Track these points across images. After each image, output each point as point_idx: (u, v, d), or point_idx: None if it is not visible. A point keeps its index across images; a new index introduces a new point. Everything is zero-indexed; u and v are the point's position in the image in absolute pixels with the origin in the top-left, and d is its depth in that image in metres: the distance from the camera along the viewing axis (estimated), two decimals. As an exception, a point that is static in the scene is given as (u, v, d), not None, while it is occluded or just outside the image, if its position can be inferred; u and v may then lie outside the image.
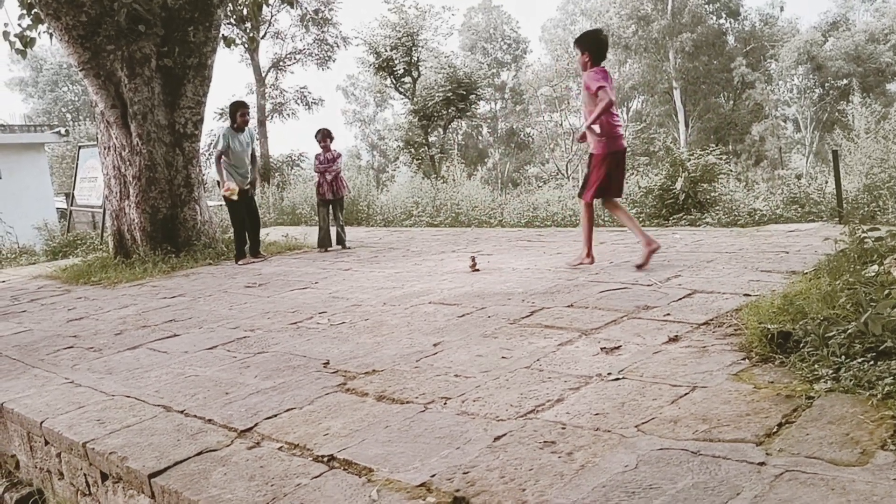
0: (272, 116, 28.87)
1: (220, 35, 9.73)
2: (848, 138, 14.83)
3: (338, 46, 29.41)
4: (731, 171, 15.34)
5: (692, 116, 44.59)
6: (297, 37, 28.68)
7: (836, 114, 38.02)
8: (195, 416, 3.23)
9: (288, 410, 3.15)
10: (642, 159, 25.54)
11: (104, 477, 2.99)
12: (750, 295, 4.31)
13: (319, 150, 8.92)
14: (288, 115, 28.90)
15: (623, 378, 3.09)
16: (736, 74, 43.64)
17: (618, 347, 3.55)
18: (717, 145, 18.10)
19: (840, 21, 44.42)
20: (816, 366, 2.82)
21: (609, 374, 3.16)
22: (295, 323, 4.89)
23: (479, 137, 47.52)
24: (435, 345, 3.95)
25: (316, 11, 26.82)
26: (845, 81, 40.78)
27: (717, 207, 12.31)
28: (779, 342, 3.18)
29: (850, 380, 2.62)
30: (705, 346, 3.42)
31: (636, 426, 2.56)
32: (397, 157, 33.38)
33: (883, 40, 40.49)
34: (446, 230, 10.52)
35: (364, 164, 52.36)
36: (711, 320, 3.86)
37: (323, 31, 28.72)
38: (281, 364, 3.90)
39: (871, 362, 2.72)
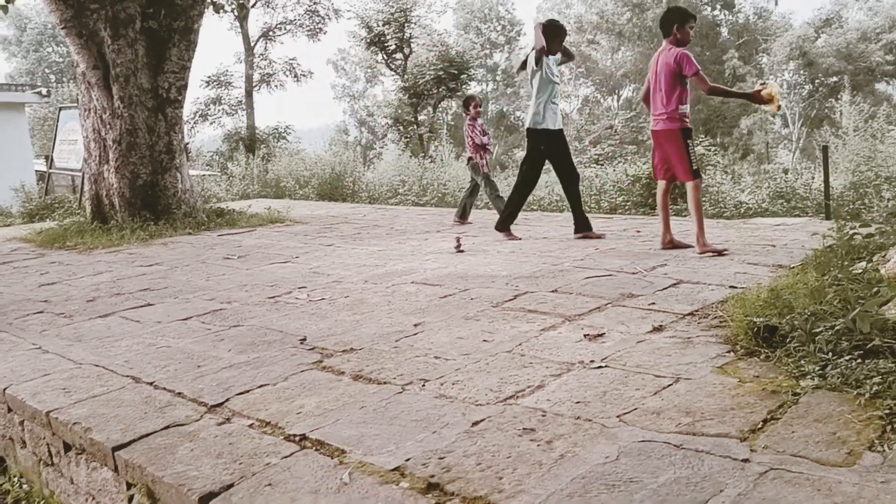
0: (259, 87, 28.48)
1: (209, 0, 9.50)
2: (836, 135, 14.83)
3: (329, 18, 29.03)
4: (718, 162, 15.35)
5: (681, 107, 44.58)
6: (288, 6, 28.26)
7: (825, 111, 38.21)
8: (164, 388, 3.13)
9: (261, 386, 3.06)
10: (631, 147, 25.52)
11: (67, 447, 2.89)
12: (736, 287, 4.26)
13: (469, 119, 8.19)
14: (276, 86, 28.52)
15: (606, 366, 3.02)
16: (728, 67, 43.61)
17: (601, 335, 3.48)
18: (705, 137, 18.09)
19: (833, 18, 44.45)
20: (803, 362, 2.77)
21: (592, 361, 3.09)
22: (273, 297, 4.78)
23: (469, 118, 47.17)
24: (415, 325, 3.87)
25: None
26: (835, 79, 40.91)
27: (704, 199, 12.30)
28: (765, 336, 3.12)
29: (838, 377, 2.56)
30: (690, 337, 3.37)
31: (618, 416, 2.50)
32: (385, 135, 33.12)
33: (875, 39, 40.58)
34: (432, 210, 10.42)
35: (352, 139, 51.94)
36: (697, 311, 3.81)
37: (315, 2, 28.31)
38: (256, 338, 3.80)
39: (859, 360, 2.67)
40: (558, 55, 6.66)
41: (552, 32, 6.51)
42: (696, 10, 43.06)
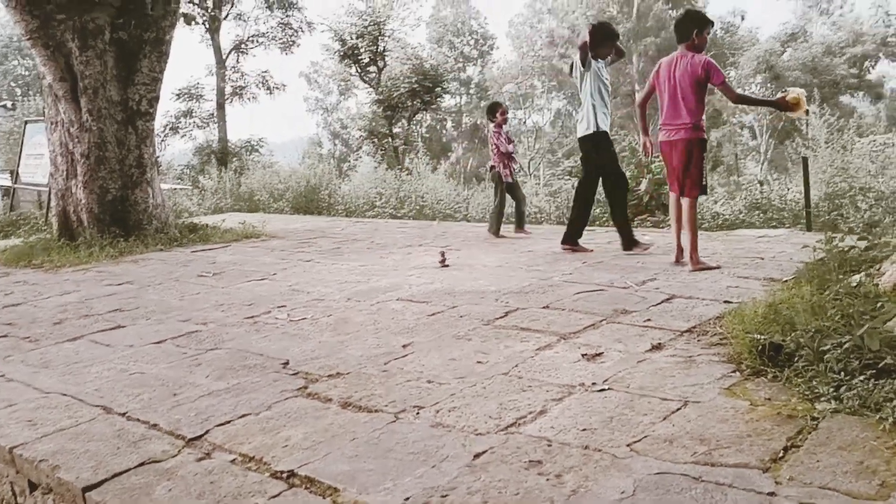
0: (231, 100, 28.13)
1: (180, 11, 9.28)
2: (808, 147, 15.00)
3: (302, 31, 28.83)
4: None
5: (652, 120, 45.05)
6: (261, 19, 28.01)
7: (792, 123, 38.82)
8: (138, 419, 2.92)
9: (243, 416, 2.86)
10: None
11: (32, 487, 2.66)
12: (730, 302, 4.15)
13: (494, 126, 7.93)
14: (249, 99, 28.20)
15: (609, 389, 2.88)
16: (697, 80, 44.11)
17: (599, 354, 3.34)
18: None
19: (798, 32, 45.28)
20: (814, 382, 2.65)
21: (593, 383, 2.94)
22: (251, 317, 4.58)
23: (444, 131, 47.24)
24: (404, 346, 3.69)
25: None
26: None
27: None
28: (770, 354, 3.00)
29: (854, 400, 2.45)
30: (691, 355, 3.24)
31: (628, 445, 2.35)
32: (360, 147, 32.89)
33: (839, 53, 41.39)
34: (411, 223, 10.25)
35: (325, 152, 51.64)
36: (694, 328, 3.69)
37: (287, 15, 28.10)
38: (235, 363, 3.60)
39: (872, 380, 2.56)
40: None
41: (601, 36, 6.13)
42: (663, 25, 43.65)
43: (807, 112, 5.50)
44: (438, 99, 28.35)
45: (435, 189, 14.43)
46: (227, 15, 26.82)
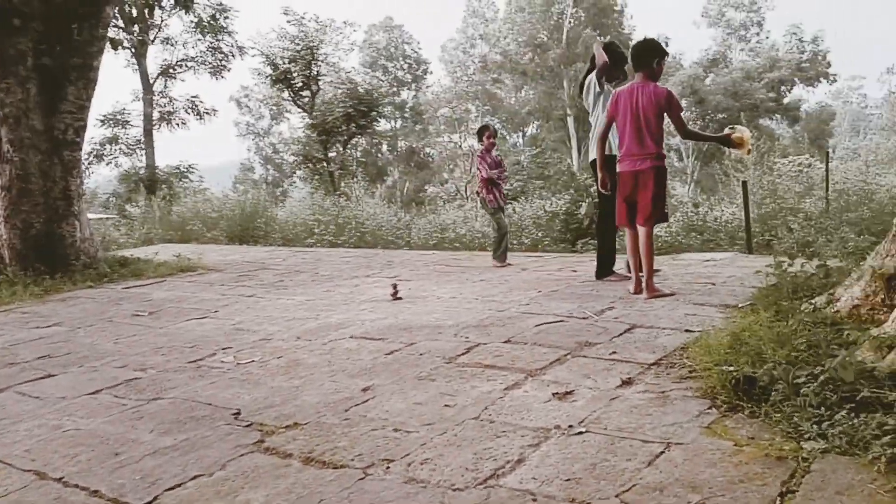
0: (160, 125, 27.36)
1: (108, 36, 8.89)
2: (736, 169, 15.50)
3: (233, 56, 28.36)
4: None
5: (584, 143, 45.98)
6: (190, 43, 27.41)
7: (716, 146, 40.27)
8: (77, 485, 2.64)
9: (195, 478, 2.62)
10: (537, 182, 25.95)
11: (-46, 571, 2.36)
12: (691, 331, 4.12)
13: (481, 149, 7.75)
14: (178, 124, 27.47)
15: (586, 431, 2.76)
16: (626, 104, 45.33)
17: (570, 392, 3.23)
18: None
19: (720, 58, 47.19)
20: (795, 418, 2.59)
21: (570, 426, 2.82)
22: (195, 361, 4.29)
23: (379, 155, 47.08)
24: (364, 389, 3.50)
25: (213, 17, 25.67)
26: (723, 115, 43.18)
27: (621, 234, 12.47)
28: (744, 388, 2.95)
29: (841, 438, 2.39)
30: (664, 391, 3.16)
31: (617, 496, 2.23)
32: (294, 172, 32.43)
33: (757, 78, 43.25)
34: (355, 252, 10.03)
35: (258, 177, 50.77)
36: (661, 360, 3.62)
37: (218, 39, 27.59)
38: (182, 414, 3.33)
39: (854, 415, 2.52)
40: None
41: (616, 59, 5.99)
42: (592, 51, 44.79)
43: (749, 152, 5.60)
44: (374, 123, 28.26)
45: (375, 215, 14.25)
46: (155, 39, 26.16)
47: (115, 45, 12.50)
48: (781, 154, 17.90)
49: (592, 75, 6.03)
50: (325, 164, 26.62)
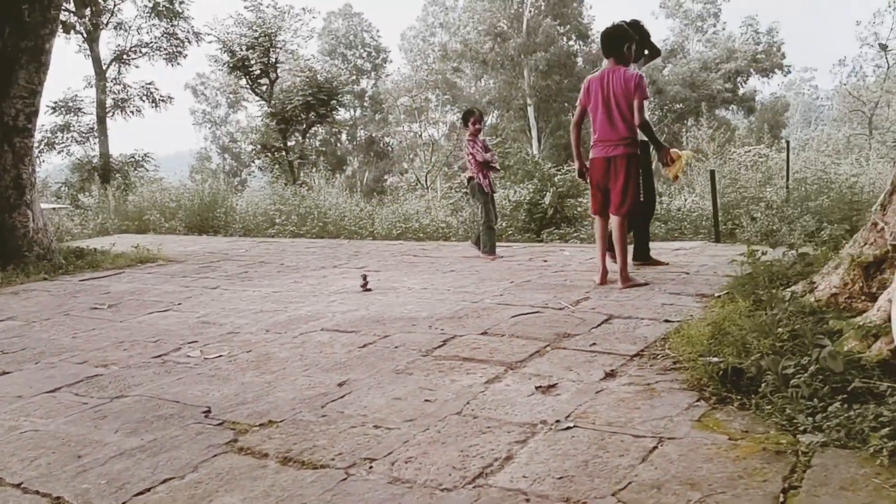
0: (113, 113, 26.54)
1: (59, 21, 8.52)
2: (697, 159, 15.64)
3: (189, 42, 27.63)
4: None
5: (545, 133, 46.17)
6: (144, 29, 26.59)
7: (672, 135, 40.73)
8: (38, 491, 2.47)
9: (165, 482, 2.47)
10: (498, 172, 25.95)
11: None
12: (670, 321, 4.09)
13: (468, 135, 7.39)
14: (132, 112, 26.69)
15: (574, 426, 2.68)
16: (585, 94, 45.57)
17: (553, 386, 3.15)
18: (567, 161, 18.50)
19: (678, 49, 47.71)
20: (789, 410, 2.55)
21: (557, 421, 2.74)
22: (159, 356, 4.11)
23: (339, 144, 46.61)
24: (340, 384, 3.37)
25: (169, 1, 24.95)
26: (681, 105, 43.74)
27: (586, 223, 12.50)
28: (732, 379, 2.91)
29: (838, 430, 2.35)
30: (649, 383, 3.10)
31: (614, 494, 2.15)
32: (252, 161, 31.85)
33: (714, 69, 43.84)
34: (319, 242, 9.83)
35: (215, 166, 49.84)
36: (643, 351, 3.57)
37: (173, 25, 26.84)
38: (148, 413, 3.16)
39: (847, 407, 2.48)
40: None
41: (642, 37, 5.71)
42: (552, 40, 44.93)
43: (675, 177, 5.57)
44: (334, 112, 27.88)
45: (338, 205, 14.04)
46: (108, 23, 25.34)
47: (67, 28, 12.08)
48: (740, 143, 18.14)
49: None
50: (284, 153, 26.20)
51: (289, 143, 26.56)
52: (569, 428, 2.67)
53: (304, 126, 27.13)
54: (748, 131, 39.18)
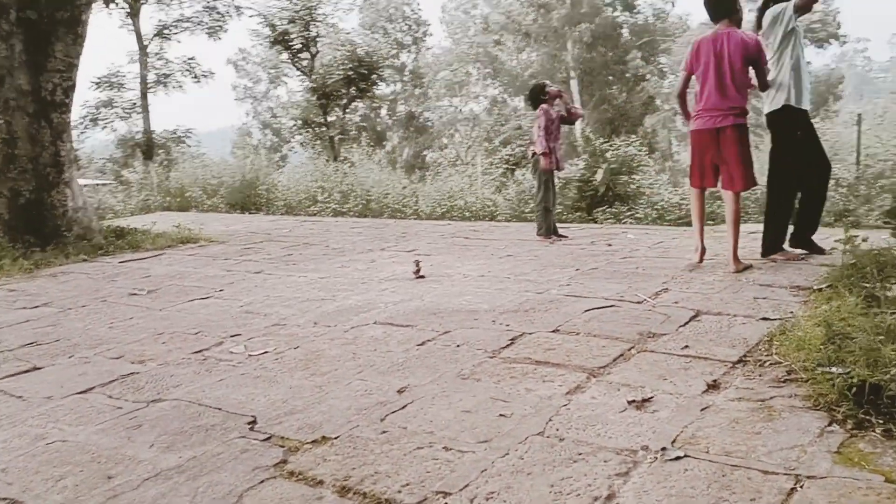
0: (155, 88, 26.52)
1: (98, -12, 8.23)
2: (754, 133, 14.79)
3: (230, 16, 27.40)
4: (650, 162, 15.05)
5: (589, 106, 45.12)
6: (185, 3, 26.43)
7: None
8: (60, 523, 2.14)
9: (206, 515, 2.12)
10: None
11: None
12: (769, 318, 3.61)
13: (540, 109, 6.76)
14: (174, 87, 26.63)
15: (685, 455, 2.25)
16: (630, 67, 44.45)
17: (648, 399, 2.71)
18: (611, 136, 17.80)
19: (729, 19, 46.04)
20: (955, 444, 2.08)
21: (663, 449, 2.31)
22: (200, 351, 3.77)
23: (378, 119, 46.22)
24: (399, 391, 2.99)
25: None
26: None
27: (641, 201, 11.90)
28: (869, 398, 2.44)
29: None
30: (763, 399, 2.65)
31: (754, 556, 1.72)
32: (293, 137, 31.68)
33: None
34: (364, 221, 9.48)
35: (256, 142, 49.91)
36: (746, 357, 3.11)
37: (214, -1, 26.63)
38: (187, 422, 2.82)
39: None
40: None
41: None
42: (597, 11, 43.72)
43: None
44: (374, 86, 27.48)
45: (380, 182, 13.67)
46: (148, -2, 25.22)
47: (108, 1, 11.82)
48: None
49: (787, 5, 4.89)
50: (325, 128, 25.92)
51: (329, 119, 26.27)
52: (679, 458, 2.24)
53: (345, 101, 26.80)
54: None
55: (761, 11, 5.11)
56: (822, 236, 5.16)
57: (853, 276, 3.92)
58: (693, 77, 4.96)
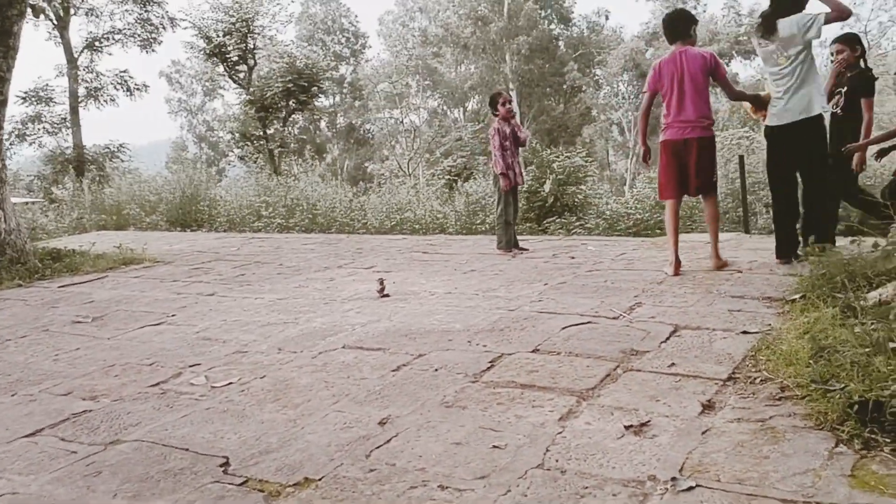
0: (86, 102, 25.52)
1: (28, 1, 7.80)
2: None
3: (163, 28, 26.62)
4: (595, 173, 15.22)
5: (527, 118, 45.62)
6: (117, 14, 25.56)
7: (654, 118, 40.44)
8: None
9: (187, 577, 1.90)
10: (481, 158, 25.35)
11: None
12: (749, 332, 3.57)
13: (496, 120, 6.65)
14: (106, 101, 25.68)
15: (697, 486, 2.15)
16: (567, 79, 45.20)
17: (646, 424, 2.61)
18: (550, 146, 17.93)
19: (659, 32, 47.29)
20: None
21: (673, 479, 2.20)
22: (157, 384, 3.51)
23: (318, 132, 45.67)
24: (381, 423, 2.81)
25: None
26: (665, 89, 43.28)
27: (590, 211, 11.99)
28: (872, 415, 2.39)
29: None
30: (762, 419, 2.57)
31: None
32: (231, 151, 30.98)
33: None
34: (315, 237, 9.22)
35: (191, 156, 48.69)
36: (735, 373, 3.04)
37: (147, 10, 25.83)
38: (152, 467, 2.58)
39: None
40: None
41: None
42: (534, 24, 44.32)
43: (764, 116, 5.29)
44: (314, 99, 27.15)
45: (326, 195, 13.40)
46: (78, 9, 24.29)
47: (37, 12, 11.32)
48: (721, 126, 17.70)
49: (818, 15, 4.73)
50: (264, 141, 25.41)
51: (269, 132, 25.78)
52: (691, 488, 2.13)
53: (284, 113, 26.35)
54: (729, 113, 39.00)
55: (768, 19, 4.98)
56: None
57: (824, 285, 3.93)
58: (659, 94, 5.21)
